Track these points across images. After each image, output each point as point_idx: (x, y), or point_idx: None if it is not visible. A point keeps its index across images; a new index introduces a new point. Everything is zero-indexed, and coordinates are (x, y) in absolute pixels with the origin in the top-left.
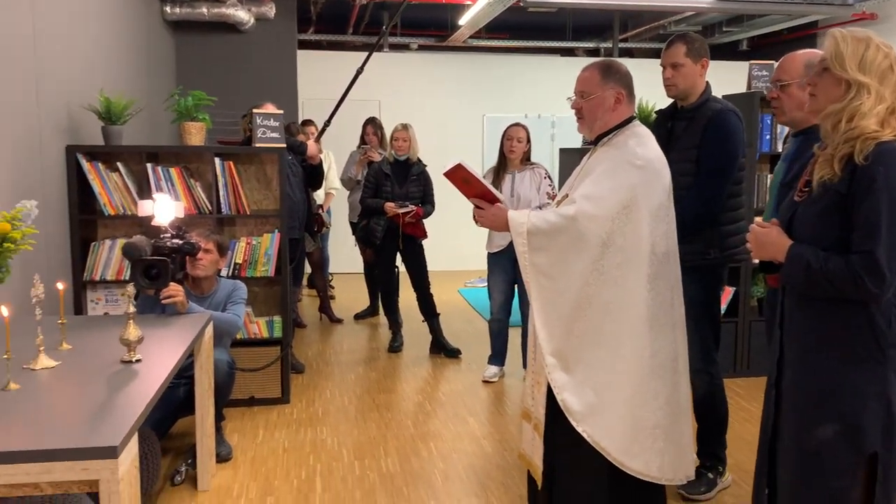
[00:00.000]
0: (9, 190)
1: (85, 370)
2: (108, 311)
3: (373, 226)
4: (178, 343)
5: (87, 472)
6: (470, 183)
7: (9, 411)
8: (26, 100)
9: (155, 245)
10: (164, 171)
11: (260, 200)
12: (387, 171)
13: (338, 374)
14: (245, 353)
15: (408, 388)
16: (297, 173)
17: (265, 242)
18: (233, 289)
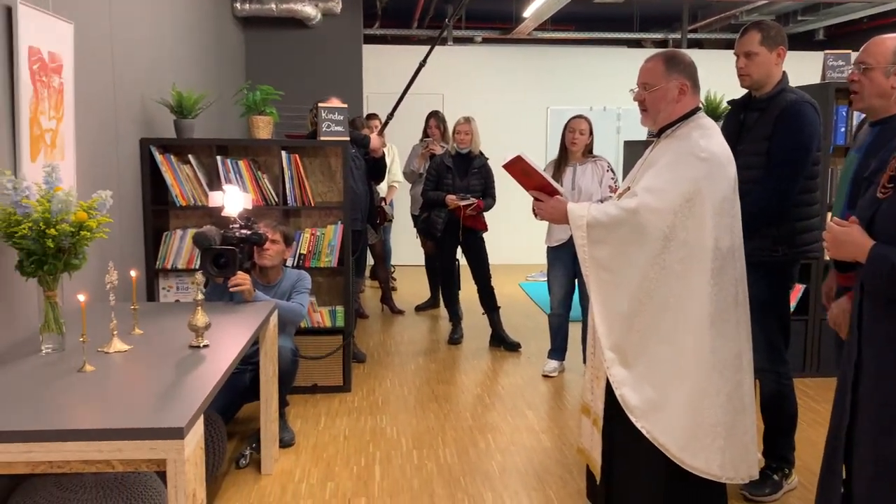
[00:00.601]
0: (87, 180)
1: (155, 354)
2: (178, 298)
3: (433, 218)
4: (244, 330)
5: (154, 451)
6: (529, 175)
7: (84, 392)
8: (104, 94)
9: (224, 235)
10: (233, 164)
11: (324, 193)
12: (448, 163)
13: (398, 364)
14: (308, 341)
15: (467, 380)
16: (361, 166)
17: (329, 234)
18: (297, 278)
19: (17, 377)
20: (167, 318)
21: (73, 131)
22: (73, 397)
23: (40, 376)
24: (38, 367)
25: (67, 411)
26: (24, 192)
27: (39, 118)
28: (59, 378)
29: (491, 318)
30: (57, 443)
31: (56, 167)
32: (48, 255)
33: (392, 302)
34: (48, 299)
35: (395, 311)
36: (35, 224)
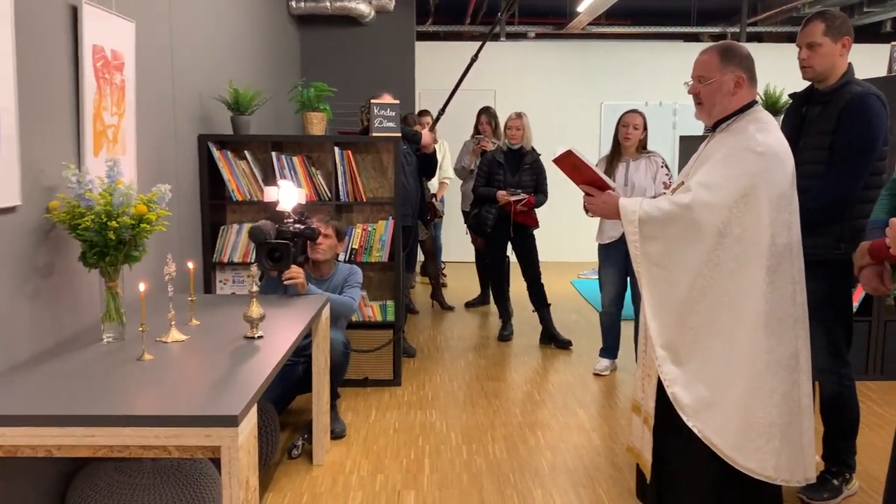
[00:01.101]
0: (147, 175)
1: (211, 344)
2: (234, 291)
3: (484, 214)
4: (297, 322)
5: (209, 438)
6: (580, 169)
7: (143, 379)
8: (163, 91)
9: (278, 229)
10: (288, 160)
11: (376, 188)
12: (500, 159)
13: (448, 359)
14: (359, 335)
15: (517, 376)
16: (412, 162)
17: (380, 229)
18: (349, 273)
19: (80, 364)
20: (223, 310)
21: (134, 127)
22: (132, 385)
23: (102, 364)
24: (99, 355)
25: (127, 398)
26: (87, 186)
27: (102, 114)
28: (119, 366)
29: (541, 315)
30: (117, 428)
31: (117, 161)
32: (109, 247)
33: (442, 298)
34: (109, 290)
35: (444, 307)
36: (97, 216)
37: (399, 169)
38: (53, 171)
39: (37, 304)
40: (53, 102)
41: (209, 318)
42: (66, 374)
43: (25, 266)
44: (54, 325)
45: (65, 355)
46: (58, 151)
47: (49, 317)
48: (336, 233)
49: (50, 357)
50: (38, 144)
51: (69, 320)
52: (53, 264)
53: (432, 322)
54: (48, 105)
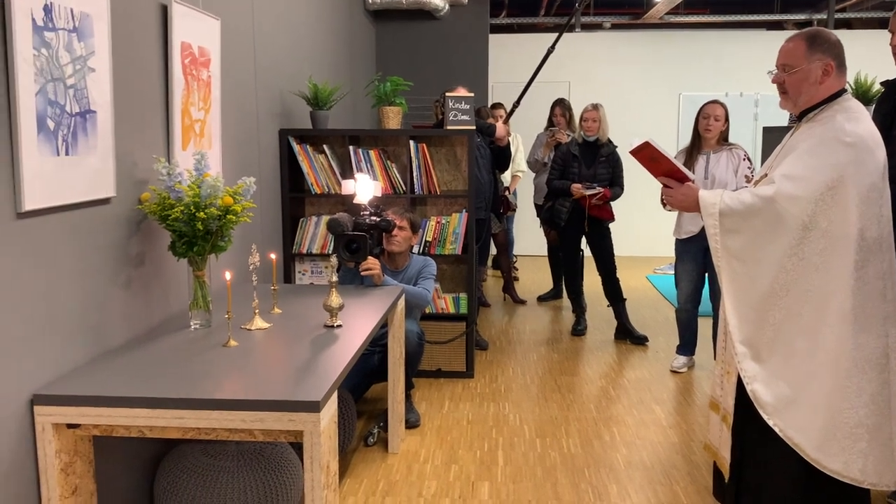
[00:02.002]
0: (231, 168)
1: (293, 332)
2: (312, 281)
3: (558, 207)
4: (373, 312)
5: (293, 422)
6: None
7: (229, 365)
8: (246, 87)
9: (355, 221)
10: (364, 153)
11: (449, 181)
12: (575, 152)
13: (520, 353)
14: (433, 326)
15: (591, 371)
16: (485, 155)
17: (453, 222)
18: (423, 265)
19: (169, 350)
20: (303, 299)
21: (220, 122)
22: (219, 370)
23: (189, 350)
24: (187, 341)
25: (214, 383)
26: (176, 178)
27: (190, 109)
28: (206, 351)
29: (616, 309)
30: (205, 411)
31: (205, 155)
32: (197, 237)
33: (514, 291)
34: (197, 278)
35: (516, 300)
36: (186, 208)
37: (473, 162)
38: (145, 164)
39: (129, 293)
40: (145, 98)
41: (290, 307)
42: (156, 358)
43: (119, 255)
44: (145, 312)
45: (155, 341)
46: (149, 145)
47: (140, 304)
48: (411, 225)
49: (141, 343)
50: (131, 139)
51: (159, 308)
52: (145, 254)
53: (504, 316)
54: (140, 101)
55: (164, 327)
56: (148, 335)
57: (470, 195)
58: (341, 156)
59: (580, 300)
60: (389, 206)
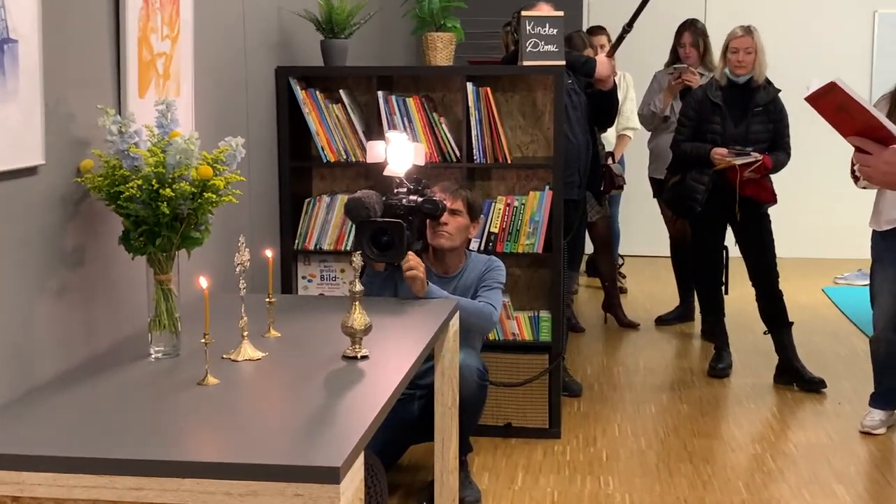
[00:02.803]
0: (210, 124)
1: (297, 366)
2: (322, 290)
3: (690, 184)
4: (413, 338)
5: (301, 498)
6: (849, 112)
7: (206, 412)
8: (230, 6)
9: (387, 203)
10: (400, 102)
11: (525, 144)
12: (716, 99)
13: (630, 402)
14: (500, 360)
15: (738, 432)
16: (579, 105)
17: (531, 204)
18: (487, 268)
19: (120, 390)
20: (311, 318)
21: (192, 56)
22: (192, 419)
23: (150, 390)
24: (146, 377)
25: (185, 438)
26: (131, 139)
27: (150, 37)
28: (173, 393)
29: (778, 339)
30: (173, 479)
31: (171, 105)
32: (162, 225)
33: (621, 310)
34: (160, 285)
35: (624, 322)
36: (146, 182)
37: (561, 114)
38: (86, 118)
39: (63, 305)
40: (86, 23)
41: (293, 328)
42: (102, 402)
43: (49, 251)
44: (86, 333)
45: (101, 376)
46: (92, 91)
47: (79, 322)
48: (468, 208)
49: (81, 378)
50: (66, 81)
51: (106, 327)
52: (85, 249)
53: (605, 345)
54: (80, 27)
55: (113, 356)
56: (90, 367)
57: (556, 165)
58: (366, 106)
59: (721, 324)
60: (436, 180)
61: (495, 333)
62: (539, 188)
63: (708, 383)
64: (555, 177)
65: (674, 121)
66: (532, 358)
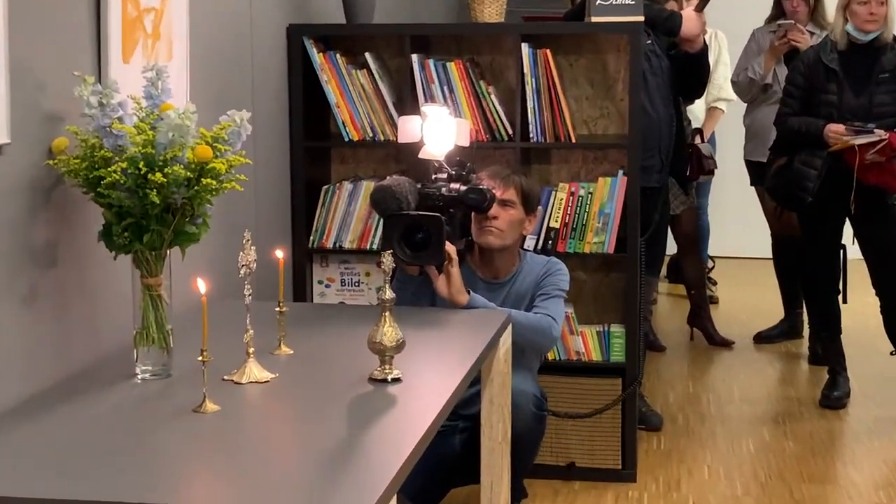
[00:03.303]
0: (210, 95)
1: (314, 390)
2: (344, 299)
3: (799, 168)
4: (456, 357)
5: None
6: None
7: (203, 446)
8: None
9: (423, 192)
10: (439, 68)
11: (594, 118)
12: (831, 63)
13: (723, 438)
14: (562, 385)
15: (858, 476)
16: (660, 70)
17: (600, 192)
18: (546, 271)
19: (99, 418)
20: (330, 331)
21: (186, 12)
22: (185, 455)
23: (135, 418)
24: (131, 403)
25: (178, 479)
26: (114, 112)
27: None
28: (163, 422)
29: None
30: None
31: (162, 71)
32: (150, 218)
33: (710, 324)
34: (148, 291)
35: (715, 339)
36: (132, 165)
37: (638, 83)
38: (60, 87)
39: (30, 314)
40: None
41: (308, 343)
42: (76, 433)
43: (12, 248)
44: (58, 349)
45: (74, 402)
46: (67, 54)
47: (49, 335)
48: (522, 198)
49: (51, 404)
50: (36, 42)
51: (82, 341)
52: (58, 246)
53: (692, 368)
54: None
55: (90, 377)
56: (62, 390)
57: (632, 144)
58: (397, 73)
59: (837, 342)
60: (484, 164)
61: (556, 352)
62: (610, 173)
63: (820, 415)
64: (630, 159)
65: (777, 90)
66: (601, 383)
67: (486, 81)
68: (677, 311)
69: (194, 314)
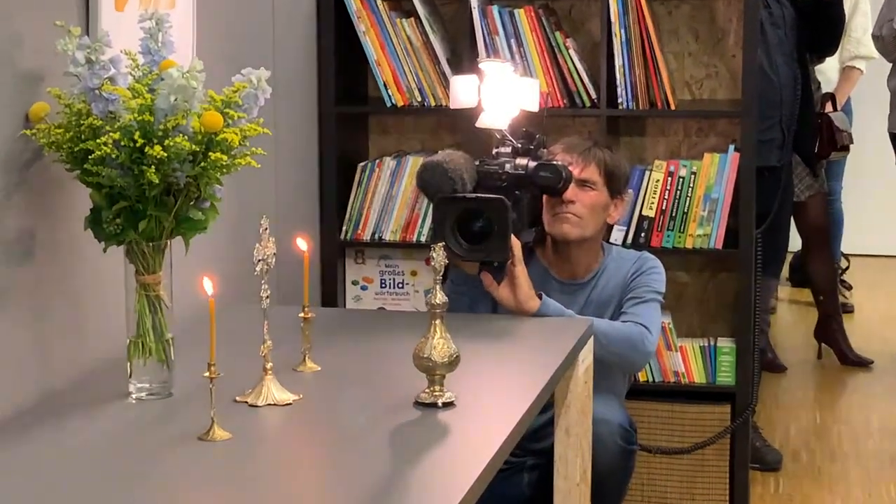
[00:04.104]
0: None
1: (345, 416)
2: (384, 304)
3: None
4: (523, 377)
5: None
6: None
7: (211, 482)
8: None
9: (482, 170)
10: (505, 16)
11: (698, 80)
12: None
13: (857, 481)
14: (656, 413)
15: None
16: (783, 21)
17: (707, 173)
18: (636, 270)
19: (86, 447)
20: (367, 343)
21: None
22: (190, 492)
23: (128, 446)
24: (123, 428)
25: None
26: (105, 72)
27: None
28: (163, 452)
29: None
30: None
31: (163, 21)
32: (147, 201)
33: (843, 338)
34: (144, 291)
35: (848, 358)
36: (125, 136)
37: (755, 36)
38: (39, 40)
39: (3, 319)
40: None
41: (340, 358)
42: (58, 463)
43: None
44: (37, 362)
45: (56, 425)
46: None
47: (27, 344)
48: (606, 178)
49: (28, 427)
50: None
51: (65, 352)
52: (35, 235)
53: (820, 393)
54: None
55: (75, 394)
56: (42, 411)
57: (746, 113)
58: (451, 22)
59: None
60: (559, 135)
61: (648, 372)
62: (719, 149)
63: None
64: (744, 131)
65: None
66: (705, 410)
67: (563, 33)
68: (801, 323)
69: (200, 320)
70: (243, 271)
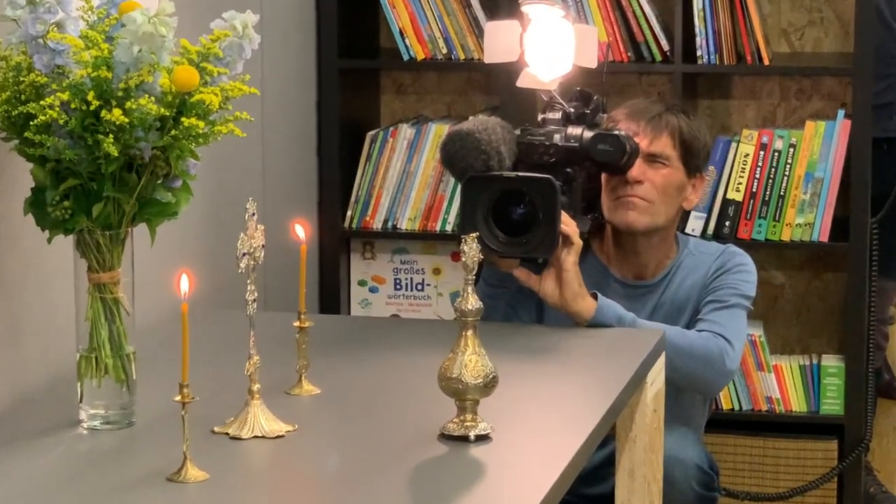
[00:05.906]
0: None
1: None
2: (399, 310)
3: None
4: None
5: None
6: None
7: None
8: None
9: (524, 141)
10: None
11: (798, 28)
12: None
13: None
14: (744, 449)
15: None
16: None
17: (809, 146)
18: (718, 268)
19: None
20: (378, 359)
21: None
22: None
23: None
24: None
25: None
26: (51, 15)
27: None
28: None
29: None
30: None
31: None
32: (103, 179)
33: None
34: (99, 292)
35: None
36: (77, 97)
37: None
38: None
39: None
40: None
41: (343, 377)
42: None
43: None
44: None
45: None
46: None
47: None
48: (682, 152)
49: None
50: None
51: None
52: None
53: None
54: None
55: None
56: None
57: (859, 71)
58: None
59: None
60: (623, 97)
61: (733, 398)
62: (825, 115)
63: None
64: (856, 93)
65: None
66: (806, 447)
67: None
68: None
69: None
70: (224, 268)
